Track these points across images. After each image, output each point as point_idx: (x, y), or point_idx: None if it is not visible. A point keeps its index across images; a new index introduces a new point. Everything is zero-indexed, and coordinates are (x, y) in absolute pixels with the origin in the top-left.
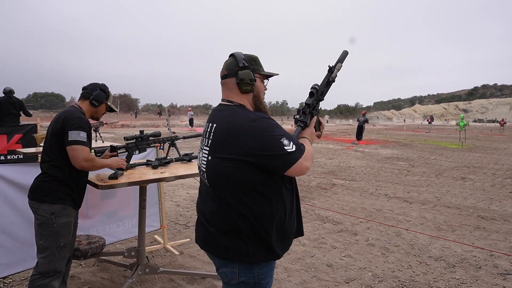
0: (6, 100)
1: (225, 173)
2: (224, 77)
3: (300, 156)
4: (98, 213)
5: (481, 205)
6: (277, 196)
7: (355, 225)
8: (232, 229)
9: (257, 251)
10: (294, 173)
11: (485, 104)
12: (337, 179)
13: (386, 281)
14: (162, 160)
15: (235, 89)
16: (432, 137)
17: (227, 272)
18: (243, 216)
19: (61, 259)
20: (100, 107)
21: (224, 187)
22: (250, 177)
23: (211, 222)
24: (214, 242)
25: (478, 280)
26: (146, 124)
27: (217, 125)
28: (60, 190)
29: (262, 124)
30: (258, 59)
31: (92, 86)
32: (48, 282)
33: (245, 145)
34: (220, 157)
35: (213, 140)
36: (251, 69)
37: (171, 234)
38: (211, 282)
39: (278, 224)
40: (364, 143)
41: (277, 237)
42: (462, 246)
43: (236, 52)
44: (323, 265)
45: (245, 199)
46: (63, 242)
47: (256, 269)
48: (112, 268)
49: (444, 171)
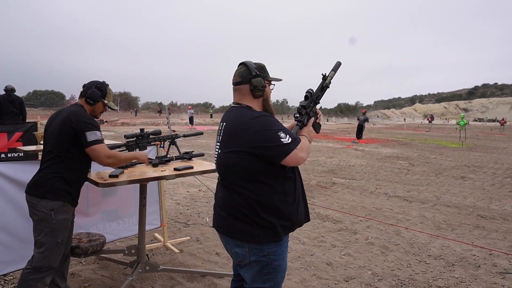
0: (5, 98)
1: (231, 163)
2: (238, 83)
3: (295, 147)
4: (99, 211)
5: (480, 204)
6: (278, 184)
7: (355, 224)
8: (239, 212)
9: (261, 232)
10: (290, 162)
11: (485, 103)
12: (337, 178)
13: (385, 280)
14: (163, 158)
15: (248, 94)
16: (432, 136)
17: (239, 252)
18: (247, 201)
19: (57, 255)
20: (96, 105)
21: (230, 176)
22: (253, 166)
23: (222, 207)
24: (225, 224)
25: (477, 279)
26: (146, 122)
27: (226, 124)
28: (61, 187)
29: (262, 121)
30: (265, 67)
31: (90, 84)
32: (41, 277)
33: (248, 139)
34: (228, 150)
35: (223, 136)
36: (262, 77)
37: (171, 232)
38: (211, 280)
39: (279, 210)
40: (364, 142)
41: (279, 221)
42: (461, 245)
43: (247, 62)
44: (323, 264)
45: (248, 186)
46: (61, 238)
47: (265, 249)
48: (113, 266)
49: (444, 170)
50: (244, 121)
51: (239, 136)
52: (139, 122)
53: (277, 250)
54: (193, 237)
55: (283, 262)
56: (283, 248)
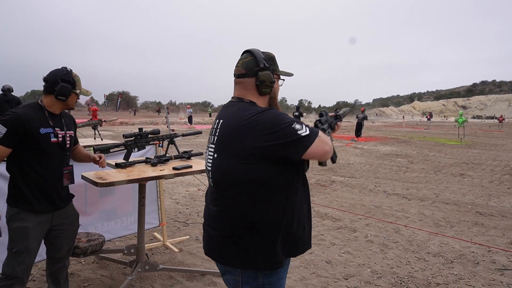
0: (2, 98)
1: (231, 171)
2: (242, 76)
3: (315, 138)
4: (97, 210)
5: (479, 201)
6: (285, 198)
7: (354, 222)
8: (233, 232)
9: (260, 256)
10: (313, 155)
11: (484, 100)
12: (336, 176)
13: (385, 277)
14: (161, 158)
15: (253, 90)
16: (431, 133)
17: (230, 279)
18: (246, 218)
19: (17, 265)
20: (68, 100)
21: (228, 186)
22: (258, 174)
23: (213, 226)
24: (216, 247)
25: (476, 275)
26: (145, 122)
27: (224, 121)
28: (16, 192)
29: (269, 115)
30: (275, 58)
31: (53, 77)
32: (10, 285)
33: (254, 138)
34: (227, 154)
35: (219, 136)
36: (271, 70)
37: (171, 232)
38: (211, 279)
39: (285, 229)
40: (363, 139)
41: (283, 243)
42: (460, 242)
43: (254, 50)
44: (322, 262)
45: (249, 200)
46: (16, 248)
47: (260, 278)
48: (112, 266)
49: (442, 168)
50: (247, 117)
51: (242, 136)
52: (138, 122)
53: (273, 279)
54: (193, 236)
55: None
56: (280, 275)
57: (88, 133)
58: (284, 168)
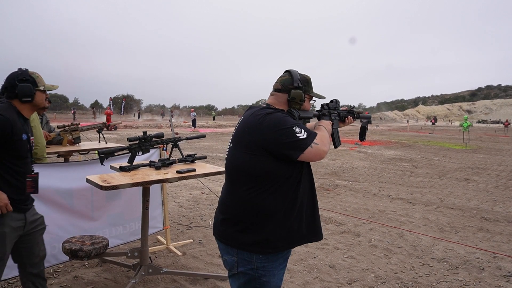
0: None
1: (239, 159)
2: (277, 90)
3: (311, 141)
4: (104, 215)
5: (484, 207)
6: (285, 190)
7: (358, 226)
8: (234, 216)
9: (255, 240)
10: (309, 157)
11: (489, 105)
12: (340, 180)
13: (388, 283)
14: (165, 161)
15: (284, 104)
16: (435, 138)
17: (228, 259)
18: (247, 204)
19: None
20: (35, 99)
21: (236, 173)
22: (262, 165)
23: (221, 209)
24: (220, 228)
25: (481, 282)
26: (149, 125)
27: (244, 118)
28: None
29: (275, 117)
30: (311, 81)
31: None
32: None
33: (261, 135)
34: (239, 145)
35: (237, 130)
36: (303, 90)
37: (174, 235)
38: (214, 283)
39: (282, 218)
40: (367, 144)
41: (277, 232)
42: (465, 247)
43: (293, 71)
44: (326, 266)
45: (252, 187)
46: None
47: (254, 261)
48: (116, 269)
49: (447, 172)
50: (258, 117)
51: (252, 132)
52: (142, 125)
53: (267, 265)
54: (196, 240)
55: (273, 279)
56: (275, 265)
57: (92, 136)
58: (286, 164)
